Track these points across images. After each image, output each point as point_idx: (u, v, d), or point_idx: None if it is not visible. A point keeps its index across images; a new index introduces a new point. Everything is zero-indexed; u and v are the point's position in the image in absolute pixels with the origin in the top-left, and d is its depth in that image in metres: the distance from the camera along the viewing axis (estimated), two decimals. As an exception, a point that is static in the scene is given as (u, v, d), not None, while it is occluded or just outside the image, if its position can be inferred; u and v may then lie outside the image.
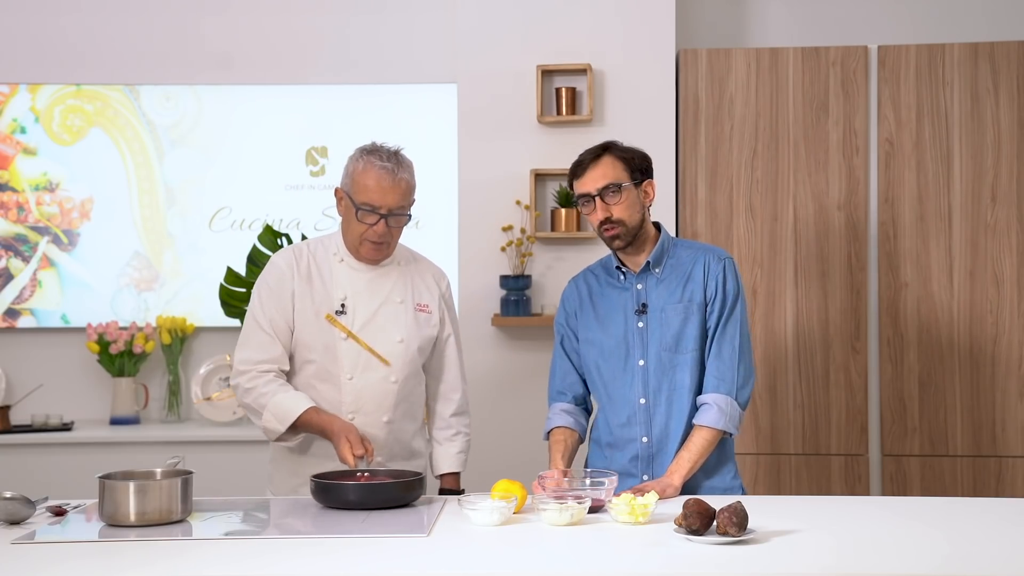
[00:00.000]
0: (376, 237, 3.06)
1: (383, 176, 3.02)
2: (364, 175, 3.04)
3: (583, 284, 3.19)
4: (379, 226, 3.05)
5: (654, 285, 3.07)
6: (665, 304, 3.05)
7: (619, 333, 3.07)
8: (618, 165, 3.04)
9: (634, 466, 3.06)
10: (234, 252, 4.87)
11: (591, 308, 3.13)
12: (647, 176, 3.07)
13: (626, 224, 3.02)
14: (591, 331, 3.12)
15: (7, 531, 2.57)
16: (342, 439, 2.94)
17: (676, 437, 3.03)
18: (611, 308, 3.10)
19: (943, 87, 4.46)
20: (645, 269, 3.08)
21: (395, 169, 3.04)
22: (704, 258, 3.08)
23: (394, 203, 3.04)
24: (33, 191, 5.06)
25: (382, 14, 5.06)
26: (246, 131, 5.07)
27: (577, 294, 3.18)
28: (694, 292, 3.05)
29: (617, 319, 3.08)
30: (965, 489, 4.40)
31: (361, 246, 3.09)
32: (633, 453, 3.06)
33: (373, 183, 3.02)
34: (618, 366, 3.07)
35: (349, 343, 3.09)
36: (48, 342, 5.09)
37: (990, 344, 4.42)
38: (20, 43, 5.09)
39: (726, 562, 2.29)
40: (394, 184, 3.03)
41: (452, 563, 2.32)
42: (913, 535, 2.51)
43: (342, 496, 2.76)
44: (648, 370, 3.04)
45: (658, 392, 3.04)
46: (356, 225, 3.06)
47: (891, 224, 4.47)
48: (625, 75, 4.60)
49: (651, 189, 3.07)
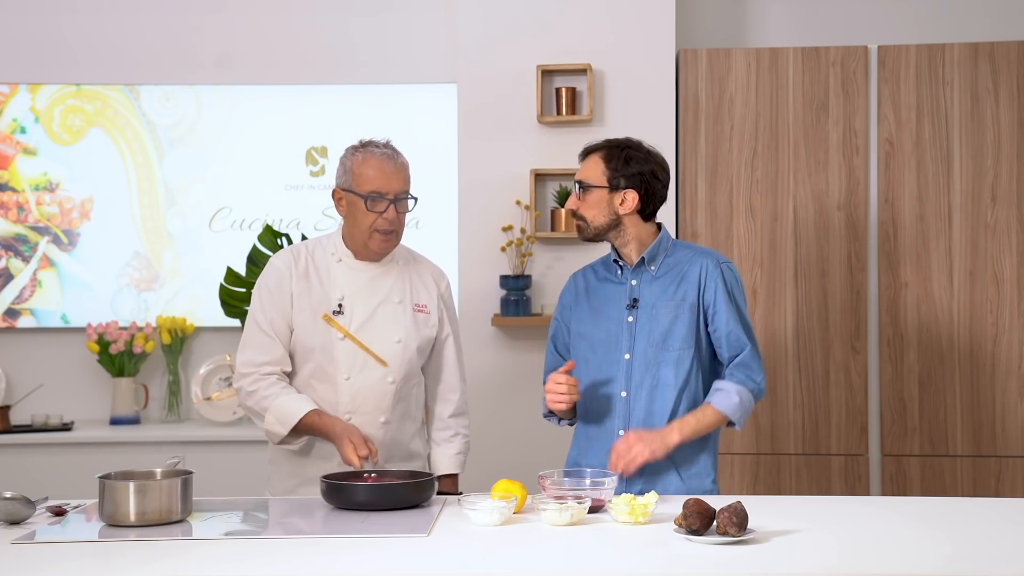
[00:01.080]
0: (387, 225, 3.07)
1: (384, 162, 3.05)
2: (365, 165, 3.05)
3: (581, 279, 3.21)
4: (389, 212, 3.05)
5: (648, 282, 3.09)
6: (657, 301, 3.06)
7: (609, 326, 3.09)
8: (599, 167, 3.06)
9: (608, 457, 3.07)
10: (234, 252, 4.87)
11: (586, 301, 3.15)
12: (632, 185, 3.04)
13: (588, 222, 3.07)
14: (583, 324, 3.13)
15: (7, 531, 2.57)
16: (345, 441, 2.94)
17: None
18: (605, 302, 3.12)
19: (943, 87, 4.46)
20: (640, 265, 3.09)
21: (394, 155, 3.09)
22: (702, 261, 3.08)
23: (399, 187, 3.06)
24: (33, 191, 5.06)
25: (382, 14, 5.06)
26: (246, 131, 5.07)
27: (575, 289, 3.20)
28: (687, 292, 3.06)
29: (609, 312, 3.10)
30: (965, 489, 4.40)
31: (371, 240, 3.09)
32: (610, 445, 3.05)
33: (376, 171, 3.04)
34: (604, 358, 3.08)
35: (346, 343, 3.09)
36: (48, 342, 5.09)
37: (990, 344, 4.42)
38: (20, 43, 5.09)
39: (726, 562, 2.29)
40: (396, 168, 3.06)
41: (452, 563, 2.32)
42: (913, 535, 2.51)
43: (353, 497, 2.75)
44: (632, 364, 3.06)
45: (640, 387, 3.05)
46: (364, 218, 3.06)
47: (891, 224, 4.47)
48: (625, 75, 4.60)
49: (631, 199, 3.04)
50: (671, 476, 3.04)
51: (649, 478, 3.02)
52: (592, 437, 3.12)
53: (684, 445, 3.01)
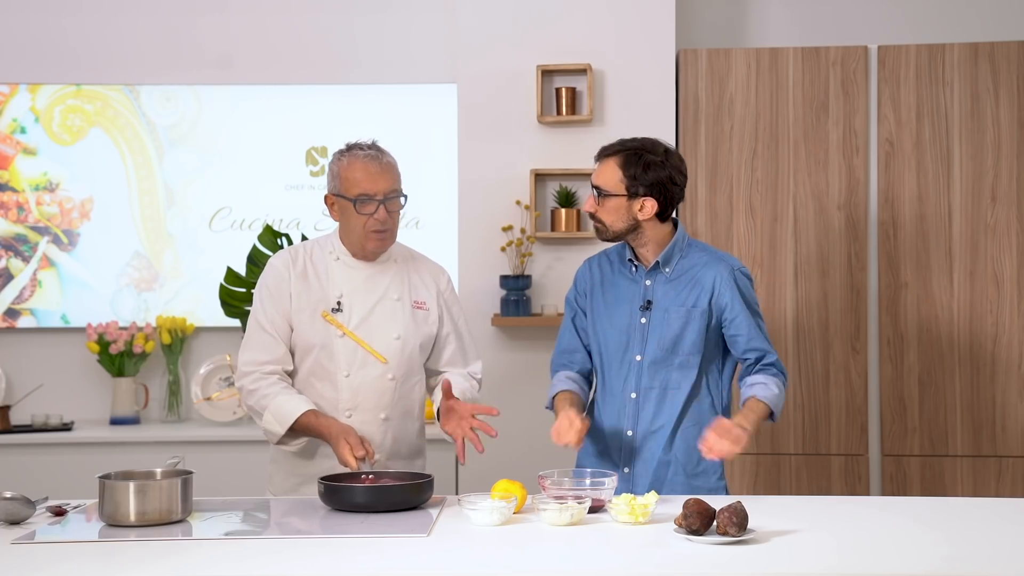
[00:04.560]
0: (379, 225, 3.07)
1: (369, 163, 3.06)
2: (350, 169, 3.06)
3: (596, 268, 3.20)
4: (380, 213, 3.05)
5: (662, 283, 3.09)
6: (670, 305, 3.07)
7: (622, 325, 3.09)
8: (616, 174, 3.04)
9: (617, 457, 3.10)
10: (234, 252, 4.87)
11: (601, 294, 3.15)
12: (652, 194, 3.02)
13: (607, 226, 3.07)
14: (598, 319, 3.14)
15: (7, 531, 2.57)
16: (341, 441, 2.94)
17: (661, 435, 3.06)
18: (619, 298, 3.12)
19: (943, 87, 4.46)
20: (655, 267, 3.09)
21: (378, 155, 3.09)
22: (717, 267, 3.08)
23: (387, 187, 3.06)
24: (33, 191, 5.06)
25: (382, 14, 5.06)
26: (246, 131, 5.06)
27: (590, 276, 3.19)
28: (699, 298, 3.06)
29: (623, 310, 3.10)
30: (965, 489, 4.40)
31: (366, 241, 3.09)
32: (617, 445, 3.09)
33: (361, 173, 3.05)
34: (616, 358, 3.10)
35: (345, 340, 3.09)
36: (48, 342, 5.09)
37: (990, 344, 4.42)
38: (20, 43, 5.09)
39: (726, 562, 2.29)
40: (382, 169, 3.06)
41: (452, 563, 2.32)
42: (913, 535, 2.51)
43: (351, 499, 2.75)
44: (643, 366, 3.07)
45: (649, 389, 3.07)
46: (356, 220, 3.07)
47: (891, 224, 4.47)
48: (625, 75, 4.60)
49: (650, 205, 3.03)
50: (678, 476, 3.07)
51: (656, 482, 3.05)
52: (601, 436, 3.13)
53: (691, 445, 3.03)
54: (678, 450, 3.07)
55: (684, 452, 3.06)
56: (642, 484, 3.04)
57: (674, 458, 3.06)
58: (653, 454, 3.07)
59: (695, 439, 3.01)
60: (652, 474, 3.06)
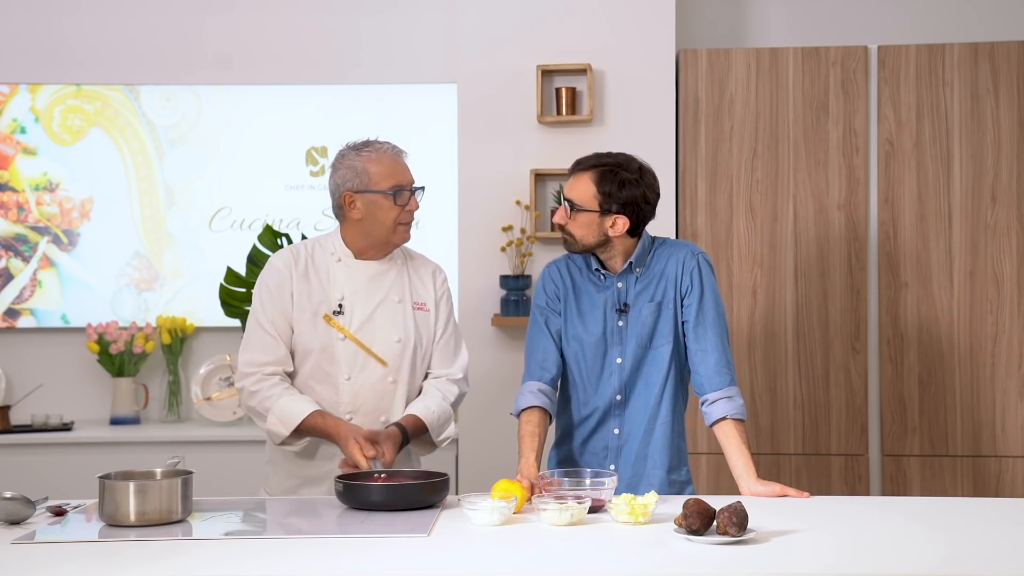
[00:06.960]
0: (410, 217, 3.11)
1: (397, 156, 3.11)
2: (377, 163, 3.06)
3: (567, 273, 3.17)
4: (412, 203, 3.10)
5: (633, 284, 3.12)
6: (643, 304, 3.11)
7: (599, 331, 3.11)
8: (590, 189, 3.04)
9: (604, 455, 3.14)
10: (234, 252, 4.87)
11: (574, 301, 3.15)
12: (625, 212, 3.02)
13: (576, 240, 3.08)
14: (573, 326, 3.14)
15: (7, 531, 2.57)
16: (351, 441, 2.93)
17: (640, 428, 3.11)
18: (592, 305, 3.13)
19: (943, 87, 4.46)
20: (627, 270, 3.11)
21: (399, 149, 3.13)
22: (677, 255, 3.12)
23: (412, 177, 3.12)
24: (33, 191, 5.06)
25: (382, 14, 5.06)
26: (246, 131, 5.07)
27: (561, 281, 3.16)
28: (667, 289, 3.10)
29: (597, 316, 3.12)
30: (965, 489, 4.40)
31: (394, 235, 3.10)
32: (604, 443, 3.13)
33: (391, 166, 3.07)
34: (596, 363, 3.12)
35: (346, 343, 3.09)
36: (48, 342, 5.09)
37: (990, 344, 4.42)
38: (20, 43, 5.09)
39: (726, 562, 2.29)
40: (405, 162, 3.12)
41: (452, 563, 2.32)
42: (913, 535, 2.51)
43: (369, 497, 2.72)
44: (625, 367, 3.10)
45: (632, 387, 3.11)
46: (388, 214, 3.06)
47: (891, 224, 4.47)
48: (625, 75, 4.60)
49: (621, 223, 3.03)
50: (656, 472, 3.11)
51: (634, 477, 3.11)
52: (582, 437, 3.16)
53: (661, 442, 3.10)
54: (656, 443, 3.11)
55: (662, 445, 3.11)
56: (624, 480, 3.04)
57: (651, 452, 3.12)
58: (632, 449, 3.12)
59: (672, 430, 3.10)
60: (631, 468, 3.11)
